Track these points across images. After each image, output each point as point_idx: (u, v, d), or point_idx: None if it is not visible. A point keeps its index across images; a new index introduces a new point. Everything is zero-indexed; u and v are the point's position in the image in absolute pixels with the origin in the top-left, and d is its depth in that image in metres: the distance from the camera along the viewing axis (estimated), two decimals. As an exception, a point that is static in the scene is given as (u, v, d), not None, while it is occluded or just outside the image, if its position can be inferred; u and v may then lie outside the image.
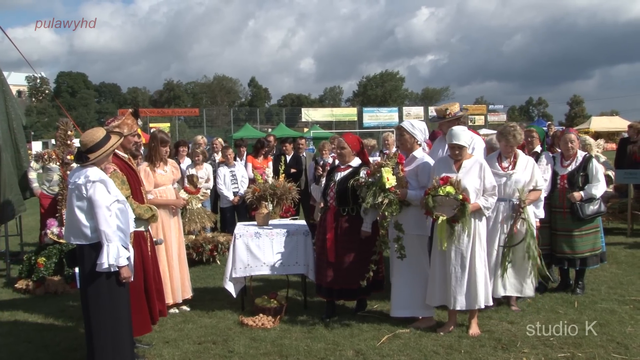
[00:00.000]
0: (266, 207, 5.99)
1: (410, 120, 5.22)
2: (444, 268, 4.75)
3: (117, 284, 3.73)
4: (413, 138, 5.03)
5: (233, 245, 5.43)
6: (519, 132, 5.21)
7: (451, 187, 4.48)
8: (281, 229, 5.54)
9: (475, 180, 4.68)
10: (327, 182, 5.34)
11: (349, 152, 5.25)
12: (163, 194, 5.48)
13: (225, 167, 8.67)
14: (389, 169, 4.69)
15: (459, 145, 4.68)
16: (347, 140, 5.27)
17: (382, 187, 4.62)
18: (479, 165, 4.72)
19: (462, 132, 4.73)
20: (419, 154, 5.05)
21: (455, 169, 4.74)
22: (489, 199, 4.70)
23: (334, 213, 5.16)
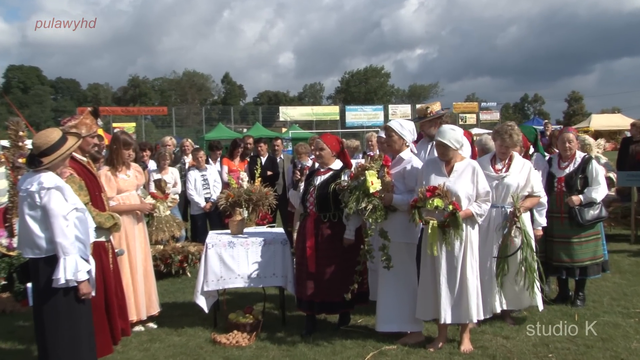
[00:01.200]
0: (241, 214, 5.96)
1: (399, 119, 5.22)
2: (434, 278, 4.75)
3: (75, 301, 3.65)
4: (402, 139, 5.04)
5: (205, 255, 5.39)
6: (516, 132, 5.24)
7: (439, 200, 4.48)
8: (257, 238, 5.51)
9: (467, 186, 4.69)
10: (306, 187, 5.33)
11: (328, 153, 5.25)
12: (126, 201, 5.41)
13: (196, 171, 8.61)
14: (373, 172, 4.69)
15: (442, 144, 4.71)
16: (325, 141, 5.26)
17: (365, 191, 4.63)
18: (471, 169, 4.74)
19: (449, 130, 4.76)
20: (407, 155, 5.05)
21: (446, 172, 4.75)
22: (482, 206, 4.71)
23: (314, 220, 5.15)
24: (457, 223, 4.49)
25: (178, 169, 8.80)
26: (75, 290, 3.63)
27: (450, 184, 4.65)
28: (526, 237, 5.00)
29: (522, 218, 5.08)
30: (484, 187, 4.73)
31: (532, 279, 4.96)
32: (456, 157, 4.79)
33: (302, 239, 5.24)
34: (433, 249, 4.56)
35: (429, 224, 4.53)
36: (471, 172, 4.72)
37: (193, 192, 8.51)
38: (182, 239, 8.41)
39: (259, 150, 9.37)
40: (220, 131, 32.49)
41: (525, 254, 4.95)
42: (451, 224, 4.51)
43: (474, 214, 4.67)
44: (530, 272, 4.96)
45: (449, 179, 4.69)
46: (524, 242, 4.97)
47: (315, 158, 5.44)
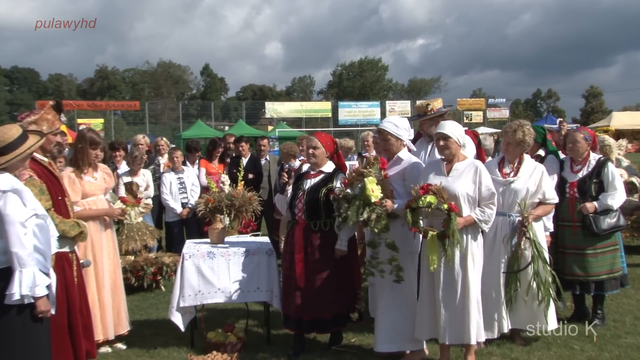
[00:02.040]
0: (221, 221, 5.94)
1: (391, 118, 5.19)
2: (433, 294, 4.76)
3: (32, 320, 3.59)
4: (399, 140, 5.05)
5: (181, 267, 5.37)
6: (528, 132, 5.21)
7: (432, 197, 4.49)
8: (239, 248, 5.51)
9: (467, 186, 4.67)
10: (295, 192, 5.33)
11: (322, 153, 5.25)
12: (92, 206, 5.37)
13: (171, 173, 8.59)
14: (372, 178, 4.69)
15: (443, 135, 4.72)
16: (320, 140, 5.27)
17: (366, 200, 4.62)
18: (473, 168, 4.73)
19: (449, 123, 4.83)
20: (405, 155, 5.07)
21: (446, 171, 4.77)
22: (485, 211, 4.67)
23: (304, 228, 5.15)
24: (452, 227, 4.48)
25: (152, 171, 8.77)
26: (31, 307, 3.57)
27: (448, 183, 4.67)
28: (537, 248, 4.99)
29: (533, 227, 5.09)
30: (487, 189, 4.69)
31: (547, 295, 4.95)
32: (458, 156, 4.80)
33: (289, 250, 5.23)
34: (432, 262, 4.57)
35: (427, 235, 4.54)
36: (473, 172, 4.71)
37: (168, 196, 8.48)
38: (156, 248, 8.38)
39: (240, 150, 9.36)
40: (199, 129, 32.45)
41: (537, 267, 4.95)
42: (446, 227, 4.50)
43: (477, 220, 4.65)
44: (545, 287, 4.94)
45: (447, 179, 4.71)
46: (535, 255, 4.97)
47: (307, 158, 5.44)
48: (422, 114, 5.60)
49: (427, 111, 5.57)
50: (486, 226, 4.72)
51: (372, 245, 4.79)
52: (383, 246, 4.75)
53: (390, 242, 4.70)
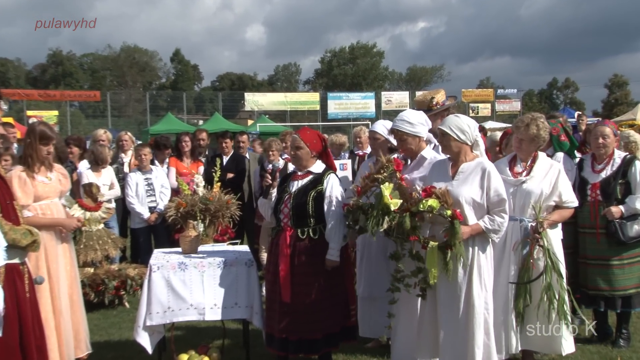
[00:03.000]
0: (195, 227, 5.93)
1: (405, 115, 5.25)
2: (434, 310, 4.79)
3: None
4: (416, 138, 5.18)
5: (148, 280, 5.35)
6: (543, 126, 5.21)
7: (435, 200, 4.50)
8: (215, 258, 5.50)
9: (474, 191, 4.67)
10: (280, 195, 5.32)
11: (306, 154, 5.25)
12: (46, 211, 5.33)
13: (138, 173, 8.56)
14: (388, 184, 4.73)
15: (442, 132, 4.77)
16: (303, 138, 5.26)
17: (385, 209, 4.64)
18: (481, 170, 4.71)
19: (452, 117, 4.86)
20: (429, 153, 5.19)
21: (451, 174, 4.79)
22: (495, 219, 4.65)
23: (290, 236, 5.15)
24: (455, 235, 4.48)
25: (114, 171, 8.73)
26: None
27: (452, 186, 4.68)
28: (551, 258, 4.98)
29: (548, 235, 5.07)
30: (497, 194, 4.67)
31: (561, 312, 4.94)
32: (465, 156, 4.80)
33: (273, 260, 5.23)
34: (432, 276, 4.59)
35: (428, 245, 4.56)
36: (480, 174, 4.70)
37: (134, 199, 8.45)
38: (119, 259, 8.35)
39: (224, 147, 9.36)
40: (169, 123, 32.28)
41: (550, 279, 4.93)
42: (449, 236, 4.50)
43: (485, 229, 4.64)
44: (560, 303, 4.93)
45: (451, 182, 4.72)
46: (548, 266, 4.95)
47: (290, 158, 5.45)
48: (425, 108, 5.61)
49: (431, 106, 5.60)
50: (496, 236, 4.72)
51: (395, 258, 4.81)
52: (407, 257, 4.77)
53: (415, 252, 4.72)
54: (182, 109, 49.38)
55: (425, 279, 4.67)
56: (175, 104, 51.21)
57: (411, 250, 4.73)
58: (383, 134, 5.79)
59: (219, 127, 26.77)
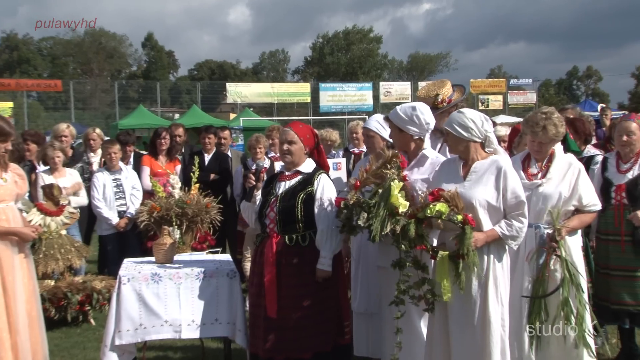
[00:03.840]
0: (170, 234, 5.93)
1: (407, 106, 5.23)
2: (445, 328, 4.75)
3: None
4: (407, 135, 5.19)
5: (117, 294, 5.36)
6: (559, 121, 5.14)
7: (443, 205, 4.46)
8: (193, 269, 5.51)
9: (488, 192, 4.63)
10: (265, 197, 5.33)
11: (299, 149, 5.25)
12: (1, 216, 5.31)
13: (105, 173, 8.53)
14: (398, 182, 4.67)
15: (446, 130, 4.80)
16: (298, 132, 5.26)
17: (391, 210, 4.60)
18: (496, 169, 4.67)
19: (455, 113, 4.83)
20: (431, 153, 5.21)
21: (462, 174, 4.77)
22: (513, 224, 4.62)
23: (276, 244, 5.15)
24: (467, 245, 4.43)
25: (79, 171, 8.71)
26: None
27: (464, 188, 4.65)
28: (569, 269, 4.93)
29: (566, 243, 5.05)
30: (515, 196, 4.63)
31: (580, 333, 4.89)
32: (476, 154, 4.78)
33: (258, 271, 5.23)
34: (445, 290, 4.55)
35: (437, 255, 4.55)
36: (495, 174, 4.66)
37: (101, 203, 8.42)
38: (84, 270, 8.30)
39: (206, 143, 9.36)
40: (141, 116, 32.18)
41: (566, 293, 4.88)
42: (459, 245, 4.45)
43: (501, 235, 4.62)
44: (577, 320, 4.90)
45: (463, 184, 4.69)
46: (565, 277, 4.91)
47: (280, 156, 5.44)
48: (430, 106, 5.59)
49: (437, 104, 5.59)
50: (514, 243, 4.69)
51: (400, 266, 4.73)
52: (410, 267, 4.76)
53: (416, 260, 4.70)
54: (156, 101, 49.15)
55: (432, 290, 4.66)
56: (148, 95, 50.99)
57: (415, 258, 4.70)
58: (378, 131, 5.70)
59: (198, 121, 26.75)
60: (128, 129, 11.26)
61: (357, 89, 47.72)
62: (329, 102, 45.72)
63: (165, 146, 9.17)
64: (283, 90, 47.98)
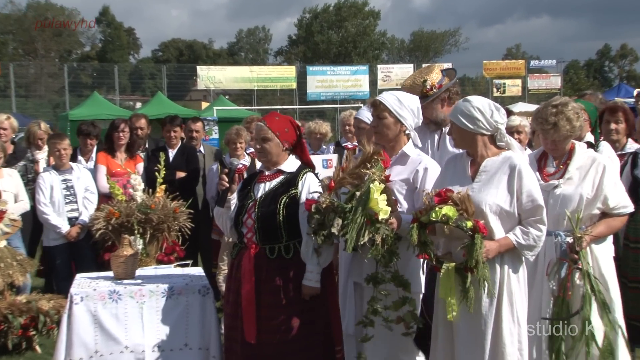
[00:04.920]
0: (131, 245, 5.93)
1: (396, 93, 5.25)
2: (451, 349, 4.76)
3: None
4: (398, 123, 5.13)
5: (68, 316, 5.36)
6: (574, 115, 5.09)
7: (451, 208, 4.42)
8: (159, 285, 5.53)
9: (501, 195, 4.60)
10: (242, 202, 5.33)
11: (276, 146, 5.22)
12: None
13: (52, 173, 8.49)
14: (379, 184, 4.64)
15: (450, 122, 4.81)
16: (271, 126, 5.23)
17: (370, 216, 4.56)
18: (509, 168, 4.64)
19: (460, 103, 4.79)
20: (412, 151, 5.17)
21: (470, 174, 4.77)
22: (529, 231, 4.59)
23: (255, 256, 5.15)
24: (477, 256, 4.38)
25: (21, 170, 8.68)
26: None
27: (473, 190, 4.62)
28: (592, 285, 4.90)
29: (590, 253, 5.04)
30: (531, 199, 4.60)
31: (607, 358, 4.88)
32: (485, 150, 4.76)
33: (235, 288, 5.22)
34: (450, 308, 4.53)
35: (442, 267, 4.52)
36: (508, 173, 4.63)
37: (48, 208, 8.36)
38: (28, 288, 8.27)
39: (170, 137, 9.34)
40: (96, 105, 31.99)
41: (589, 314, 4.85)
42: (467, 256, 4.41)
43: (516, 244, 4.60)
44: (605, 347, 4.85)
45: (471, 185, 4.67)
46: (587, 295, 4.87)
47: (256, 153, 5.46)
48: (419, 96, 5.61)
49: (426, 91, 5.62)
50: (530, 254, 4.66)
51: (374, 282, 4.76)
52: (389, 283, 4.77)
53: (397, 276, 4.71)
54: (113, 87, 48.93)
55: (414, 312, 4.71)
56: (104, 81, 50.82)
57: (396, 273, 4.72)
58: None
59: (163, 111, 26.55)
60: (87, 121, 11.08)
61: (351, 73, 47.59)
62: (318, 89, 45.64)
63: (124, 140, 9.05)
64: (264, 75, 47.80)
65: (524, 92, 46.85)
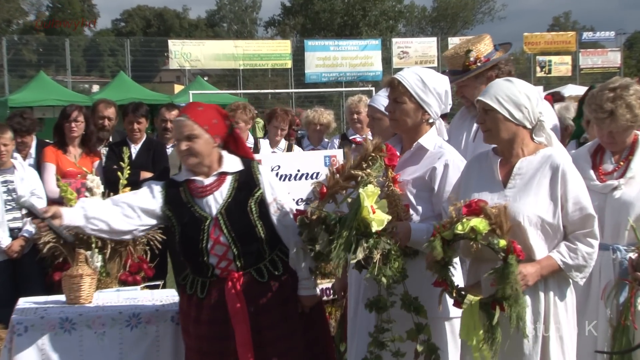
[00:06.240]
0: (88, 262, 5.94)
1: (418, 70, 5.20)
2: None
3: None
4: (420, 110, 5.08)
5: (9, 349, 5.38)
6: (632, 101, 5.07)
7: (482, 220, 4.34)
8: (123, 312, 5.55)
9: (541, 204, 4.52)
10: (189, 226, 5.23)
11: (205, 145, 5.12)
12: None
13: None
14: (373, 189, 4.60)
15: (483, 106, 4.61)
16: (196, 118, 5.12)
17: (363, 228, 4.55)
18: (551, 169, 4.56)
19: (503, 84, 4.69)
20: (430, 142, 5.12)
21: (501, 177, 4.69)
22: (578, 248, 4.52)
23: (244, 286, 5.15)
24: (511, 285, 4.26)
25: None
26: None
27: (507, 200, 4.54)
28: None
29: None
30: (580, 207, 4.53)
31: None
32: (522, 146, 4.68)
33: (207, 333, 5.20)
34: (474, 346, 4.45)
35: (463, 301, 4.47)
36: (550, 176, 4.55)
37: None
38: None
39: (133, 130, 9.34)
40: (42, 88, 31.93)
41: None
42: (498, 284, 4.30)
43: (562, 265, 4.52)
44: None
45: (503, 193, 4.62)
46: None
47: (182, 159, 5.33)
48: (460, 69, 5.62)
49: (469, 63, 5.61)
50: (580, 276, 4.60)
51: (377, 308, 4.73)
52: (397, 308, 4.74)
53: (407, 298, 4.69)
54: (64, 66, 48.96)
55: (432, 343, 4.65)
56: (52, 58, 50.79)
57: (405, 294, 4.69)
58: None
59: (127, 96, 26.31)
60: (24, 108, 11.06)
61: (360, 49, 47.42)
62: (319, 68, 45.48)
63: (78, 132, 9.02)
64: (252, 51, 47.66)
65: (575, 72, 46.76)
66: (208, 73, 43.55)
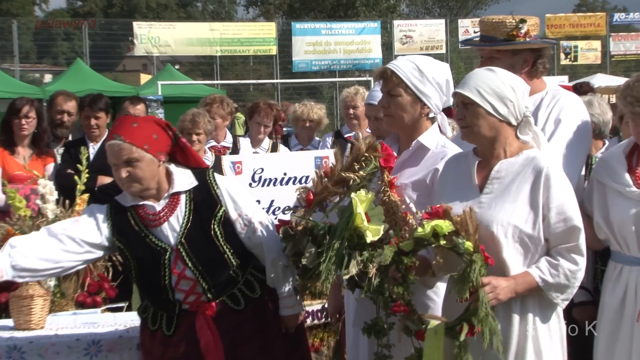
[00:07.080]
0: (40, 281, 5.93)
1: (414, 58, 5.23)
2: None
3: None
4: (418, 102, 5.10)
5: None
6: None
7: (444, 222, 4.33)
8: (81, 339, 5.55)
9: (519, 212, 4.51)
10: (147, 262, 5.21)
11: (148, 166, 5.05)
12: None
13: None
14: (365, 195, 4.58)
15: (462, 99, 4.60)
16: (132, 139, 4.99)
17: (355, 239, 4.53)
18: (533, 172, 4.55)
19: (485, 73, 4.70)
20: (432, 140, 5.15)
21: (478, 180, 4.71)
22: (560, 263, 4.49)
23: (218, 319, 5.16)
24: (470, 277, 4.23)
25: None
26: None
27: (480, 207, 4.56)
28: None
29: None
30: (564, 217, 4.50)
31: None
32: (505, 146, 4.67)
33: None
34: None
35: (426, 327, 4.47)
36: (531, 180, 4.54)
37: None
38: None
39: (91, 126, 9.31)
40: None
41: None
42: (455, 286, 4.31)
43: (540, 283, 4.48)
44: None
45: (479, 198, 4.64)
46: None
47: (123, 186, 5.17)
48: (500, 38, 5.62)
49: (515, 34, 5.57)
50: (561, 297, 4.57)
51: (375, 332, 4.72)
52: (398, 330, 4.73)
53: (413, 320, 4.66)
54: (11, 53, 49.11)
55: None
56: (1, 48, 51.08)
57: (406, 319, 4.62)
58: None
59: (85, 87, 26.33)
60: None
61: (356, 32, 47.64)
62: (309, 55, 45.63)
63: (28, 130, 9.02)
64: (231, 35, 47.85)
65: (605, 59, 46.83)
66: (179, 60, 43.63)
